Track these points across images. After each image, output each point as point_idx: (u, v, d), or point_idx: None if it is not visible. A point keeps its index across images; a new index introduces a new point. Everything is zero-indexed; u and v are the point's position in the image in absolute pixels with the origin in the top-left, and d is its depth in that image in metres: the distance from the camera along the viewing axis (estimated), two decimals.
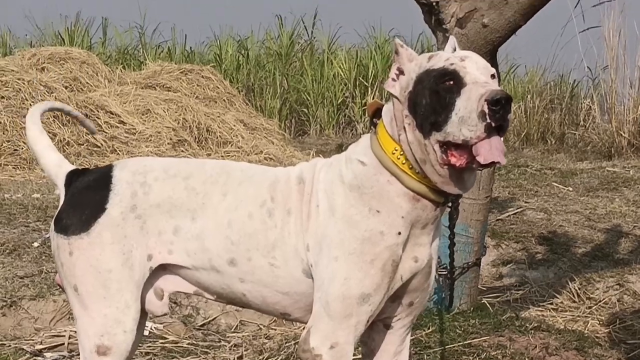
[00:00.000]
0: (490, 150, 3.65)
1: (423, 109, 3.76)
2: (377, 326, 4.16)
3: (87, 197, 4.07)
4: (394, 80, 3.89)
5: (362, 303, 3.87)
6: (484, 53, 6.22)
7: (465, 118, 3.66)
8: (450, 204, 4.01)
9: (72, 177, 4.14)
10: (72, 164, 4.36)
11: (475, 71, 3.75)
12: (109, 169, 4.14)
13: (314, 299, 3.96)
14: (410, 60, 3.88)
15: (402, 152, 3.85)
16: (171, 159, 4.28)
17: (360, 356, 4.35)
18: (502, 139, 3.70)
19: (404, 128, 3.84)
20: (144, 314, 4.16)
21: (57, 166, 4.19)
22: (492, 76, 3.79)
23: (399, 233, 3.87)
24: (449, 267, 6.17)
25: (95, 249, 3.99)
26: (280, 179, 4.09)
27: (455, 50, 4.03)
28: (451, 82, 3.72)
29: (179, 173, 4.11)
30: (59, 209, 4.10)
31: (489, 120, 3.62)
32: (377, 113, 4.01)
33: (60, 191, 4.15)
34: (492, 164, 3.69)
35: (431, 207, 3.88)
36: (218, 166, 4.19)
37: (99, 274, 4.00)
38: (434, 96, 3.73)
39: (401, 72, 3.89)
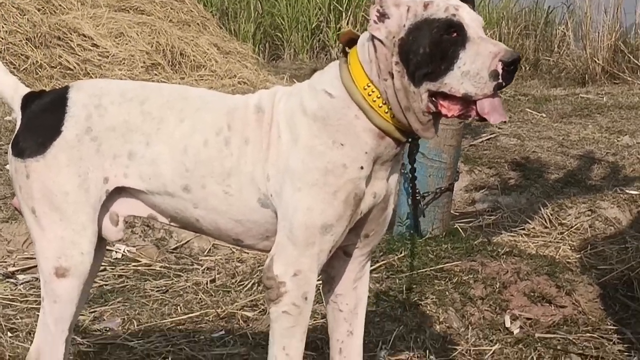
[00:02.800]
0: (496, 108, 3.72)
1: (419, 57, 3.75)
2: (337, 254, 4.19)
3: (42, 119, 4.08)
4: (376, 22, 3.85)
5: (325, 233, 3.92)
6: None
7: (471, 73, 3.70)
8: (410, 140, 4.02)
9: (29, 100, 4.13)
10: (45, 87, 4.35)
11: (474, 24, 3.77)
12: (64, 90, 4.13)
13: (278, 228, 4.00)
14: (397, 5, 3.84)
15: (373, 89, 3.87)
16: (129, 81, 4.30)
17: (320, 283, 4.37)
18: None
19: (390, 74, 3.83)
20: (101, 241, 4.18)
21: (12, 89, 4.16)
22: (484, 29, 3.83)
23: (362, 167, 3.91)
24: (419, 195, 6.22)
25: (52, 172, 4.01)
26: (239, 107, 4.09)
27: None
28: (455, 34, 3.73)
29: (136, 97, 4.10)
30: (15, 132, 4.09)
31: (500, 80, 3.67)
32: (350, 43, 4.00)
33: (17, 115, 4.14)
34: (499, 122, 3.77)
35: (394, 145, 3.93)
36: (176, 91, 4.21)
37: (55, 196, 4.01)
38: (435, 47, 3.73)
39: (383, 14, 3.84)
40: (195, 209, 4.08)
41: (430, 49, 3.73)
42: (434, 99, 3.78)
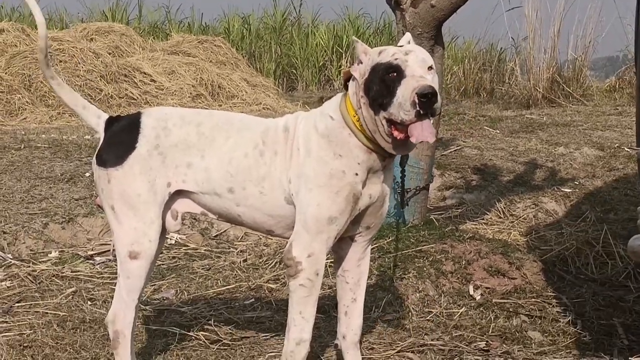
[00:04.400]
0: (421, 131, 3.79)
1: (374, 93, 3.89)
2: (345, 240, 4.31)
3: (121, 138, 4.16)
4: (356, 65, 4.01)
5: (331, 223, 4.02)
6: (432, 27, 6.22)
7: (402, 104, 3.78)
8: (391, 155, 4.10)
9: (110, 123, 4.21)
10: (114, 113, 4.37)
11: (415, 65, 3.86)
12: (138, 116, 4.22)
13: (295, 220, 4.09)
14: (365, 53, 3.99)
15: (358, 119, 3.98)
16: (186, 109, 4.36)
17: (332, 262, 4.43)
18: (432, 120, 3.83)
19: (360, 105, 3.96)
20: (163, 231, 4.25)
21: (96, 117, 4.24)
22: (430, 68, 3.90)
23: (356, 174, 4.03)
24: (406, 190, 6.24)
25: (128, 178, 4.10)
26: (270, 128, 4.19)
27: (410, 42, 4.13)
28: (394, 74, 3.84)
29: (192, 121, 4.18)
30: (98, 147, 4.18)
31: (418, 109, 3.74)
32: (349, 79, 4.10)
33: (100, 135, 4.21)
34: (422, 141, 3.82)
35: (380, 158, 4.04)
36: (223, 116, 4.27)
37: (130, 197, 4.10)
38: (382, 84, 3.86)
39: (360, 61, 3.99)
40: (238, 206, 4.17)
41: (379, 86, 3.87)
42: (389, 125, 3.88)
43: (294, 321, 4.15)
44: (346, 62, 19.46)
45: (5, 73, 13.24)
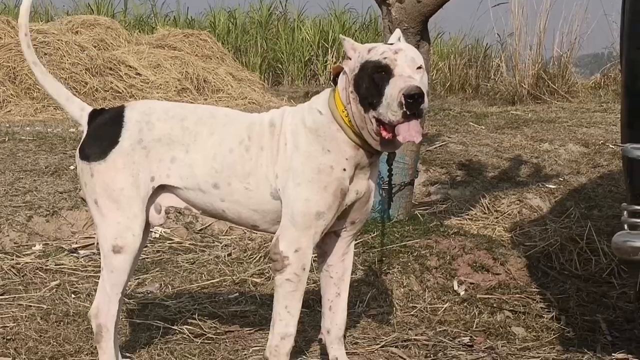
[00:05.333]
0: (408, 131, 3.79)
1: (364, 90, 3.88)
2: (330, 235, 4.30)
3: (104, 131, 4.15)
4: (347, 61, 3.99)
5: (318, 218, 4.02)
6: (418, 22, 6.22)
7: (390, 104, 3.78)
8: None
9: (93, 116, 4.20)
10: (99, 106, 4.35)
11: (404, 64, 3.85)
12: (121, 109, 4.21)
13: (282, 215, 4.08)
14: (354, 50, 3.98)
15: (347, 114, 3.98)
16: (170, 103, 4.35)
17: (316, 257, 4.46)
18: (419, 121, 3.82)
19: (350, 100, 3.95)
20: (148, 225, 4.25)
21: (80, 109, 4.23)
22: (419, 67, 3.88)
23: (344, 169, 4.03)
24: (392, 185, 6.23)
25: (110, 172, 4.08)
26: (256, 122, 4.18)
27: (400, 39, 4.12)
28: (383, 73, 3.83)
29: (176, 115, 4.17)
30: (82, 141, 4.17)
31: (404, 109, 3.74)
32: (339, 74, 4.09)
33: (84, 127, 4.20)
34: (409, 141, 3.83)
35: (367, 155, 4.05)
36: (207, 111, 4.26)
37: (113, 191, 4.08)
38: (371, 82, 3.85)
39: (349, 57, 3.98)
40: (222, 202, 4.16)
41: (368, 84, 3.86)
42: (378, 124, 3.88)
43: (279, 315, 4.15)
44: (332, 57, 19.44)
45: None
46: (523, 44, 14.36)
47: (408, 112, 3.75)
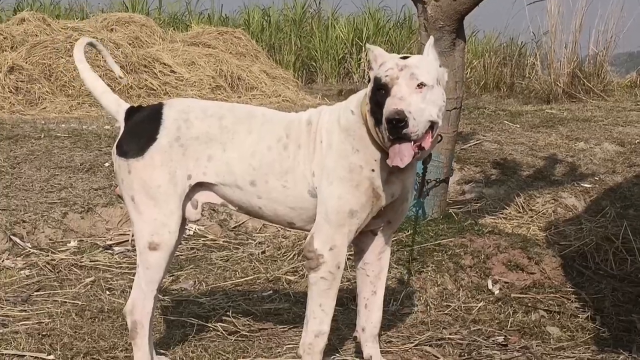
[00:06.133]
0: (395, 154, 3.78)
1: (372, 105, 3.91)
2: (367, 234, 4.32)
3: (142, 128, 4.16)
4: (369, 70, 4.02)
5: (352, 217, 4.03)
6: (454, 20, 6.21)
7: (384, 124, 3.78)
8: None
9: (130, 113, 4.22)
10: (134, 103, 4.38)
11: (403, 82, 3.81)
12: (159, 107, 4.23)
13: (317, 213, 4.10)
14: (375, 61, 3.98)
15: None
16: (208, 101, 4.36)
17: (351, 255, 4.49)
18: (412, 143, 3.77)
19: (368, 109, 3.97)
20: (183, 221, 4.26)
21: (116, 105, 4.26)
22: (420, 85, 3.82)
23: (373, 170, 4.03)
24: (427, 181, 6.24)
25: (148, 169, 4.10)
26: (294, 121, 4.20)
27: (430, 46, 4.04)
28: (383, 92, 3.84)
29: (215, 114, 4.19)
30: (119, 137, 4.19)
31: (387, 133, 3.74)
32: None
33: (120, 124, 4.22)
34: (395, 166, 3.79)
35: None
36: (245, 110, 4.28)
37: (150, 188, 4.10)
38: (374, 98, 3.90)
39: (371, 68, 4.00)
40: (259, 199, 4.18)
41: (373, 100, 3.89)
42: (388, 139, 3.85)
43: (313, 313, 4.16)
44: (366, 55, 19.42)
45: (26, 62, 13.28)
46: (558, 42, 14.29)
47: (391, 137, 3.75)
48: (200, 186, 4.21)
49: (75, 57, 4.31)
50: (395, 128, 3.70)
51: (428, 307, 5.49)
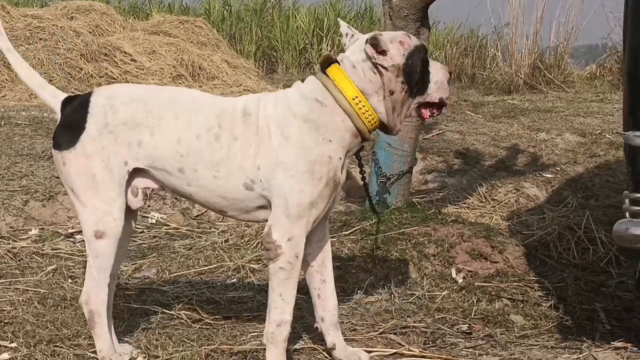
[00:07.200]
0: (431, 113, 4.22)
1: (417, 76, 4.05)
2: None
3: (72, 119, 4.14)
4: (379, 55, 4.01)
5: (311, 208, 4.05)
6: (419, 9, 6.23)
7: (440, 83, 4.10)
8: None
9: (66, 104, 4.19)
10: None
11: None
12: (88, 95, 4.20)
13: (272, 204, 4.09)
14: (392, 42, 4.04)
15: (360, 100, 4.04)
16: (137, 85, 4.38)
17: None
18: None
19: (391, 91, 4.03)
20: (131, 210, 4.28)
21: (53, 97, 4.23)
22: None
23: (340, 158, 4.09)
24: (385, 177, 6.27)
25: (81, 159, 4.09)
26: (227, 109, 4.16)
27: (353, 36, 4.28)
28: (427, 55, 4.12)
29: (141, 98, 4.16)
30: (55, 129, 4.20)
31: (449, 85, 4.15)
32: (328, 64, 4.15)
33: (57, 115, 4.21)
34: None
35: (361, 142, 4.17)
36: (172, 94, 4.24)
37: (87, 178, 4.09)
38: (424, 66, 4.09)
39: (383, 50, 4.01)
40: (189, 186, 4.17)
41: (421, 68, 4.05)
42: (419, 107, 4.14)
43: (274, 303, 4.16)
44: (327, 45, 19.43)
45: None
46: (520, 34, 14.35)
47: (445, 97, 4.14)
48: (137, 172, 4.20)
49: (2, 46, 4.19)
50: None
51: (392, 296, 5.50)
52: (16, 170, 7.57)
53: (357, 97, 4.03)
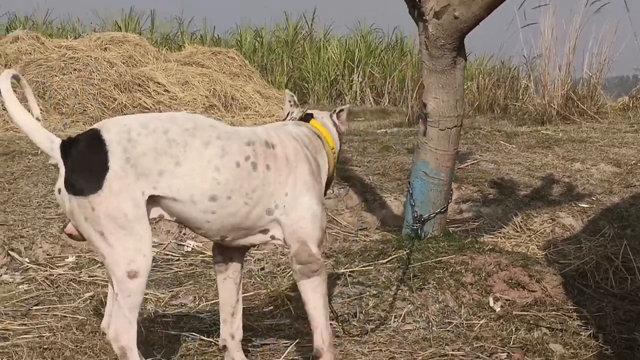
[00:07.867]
0: None
1: None
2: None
3: (88, 160, 3.97)
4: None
5: (324, 217, 4.45)
6: (455, 38, 6.23)
7: None
8: None
9: (66, 147, 3.97)
10: None
11: None
12: (95, 133, 4.01)
13: (301, 225, 4.33)
14: None
15: (334, 150, 4.68)
16: (140, 115, 4.18)
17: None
18: None
19: None
20: None
21: (49, 141, 3.98)
22: None
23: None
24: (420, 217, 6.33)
25: (111, 200, 3.93)
26: (254, 141, 4.27)
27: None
28: None
29: (157, 128, 4.06)
30: (64, 176, 3.97)
31: None
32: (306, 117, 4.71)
33: (58, 161, 3.99)
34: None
35: None
36: (190, 120, 4.18)
37: (118, 219, 3.95)
38: None
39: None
40: (212, 214, 4.14)
41: None
42: None
43: (318, 310, 4.41)
44: (358, 76, 19.50)
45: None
46: (552, 65, 14.32)
47: None
48: (149, 202, 4.10)
49: (1, 88, 4.04)
50: None
51: (430, 324, 5.49)
52: (53, 198, 7.61)
53: (333, 148, 4.71)
